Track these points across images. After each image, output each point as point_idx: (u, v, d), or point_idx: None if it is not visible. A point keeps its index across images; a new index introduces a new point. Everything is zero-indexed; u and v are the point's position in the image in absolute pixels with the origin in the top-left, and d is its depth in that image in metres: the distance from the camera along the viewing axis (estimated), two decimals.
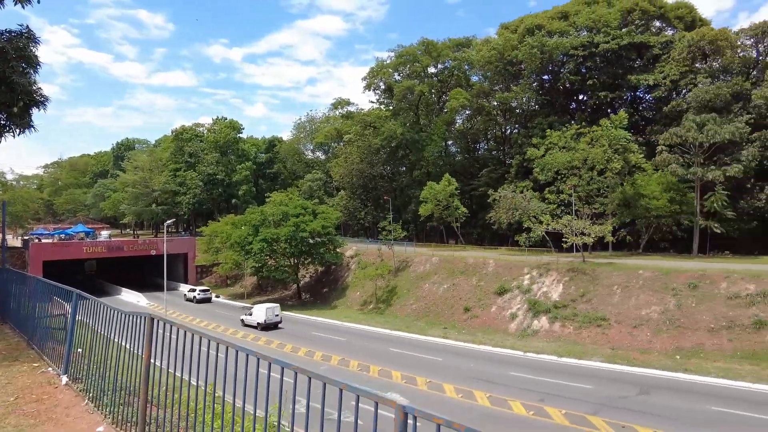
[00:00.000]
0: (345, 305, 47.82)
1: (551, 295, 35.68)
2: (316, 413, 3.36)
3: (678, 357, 26.43)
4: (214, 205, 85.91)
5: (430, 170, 68.63)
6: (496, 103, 63.13)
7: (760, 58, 49.38)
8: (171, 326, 4.92)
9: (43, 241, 59.73)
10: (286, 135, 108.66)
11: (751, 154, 41.65)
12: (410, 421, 2.79)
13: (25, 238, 65.39)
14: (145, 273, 65.32)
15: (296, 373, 3.55)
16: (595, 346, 29.76)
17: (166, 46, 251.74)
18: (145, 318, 5.38)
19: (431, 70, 72.76)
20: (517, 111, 65.01)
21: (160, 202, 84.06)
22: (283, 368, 3.71)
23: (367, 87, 74.85)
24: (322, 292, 53.44)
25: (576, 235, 39.20)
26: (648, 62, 54.36)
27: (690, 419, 18.61)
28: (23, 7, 13.98)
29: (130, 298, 54.34)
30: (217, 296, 56.34)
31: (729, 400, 20.37)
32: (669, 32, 57.23)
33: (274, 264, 50.30)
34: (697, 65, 50.27)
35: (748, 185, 44.04)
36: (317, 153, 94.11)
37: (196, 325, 41.01)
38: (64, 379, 7.60)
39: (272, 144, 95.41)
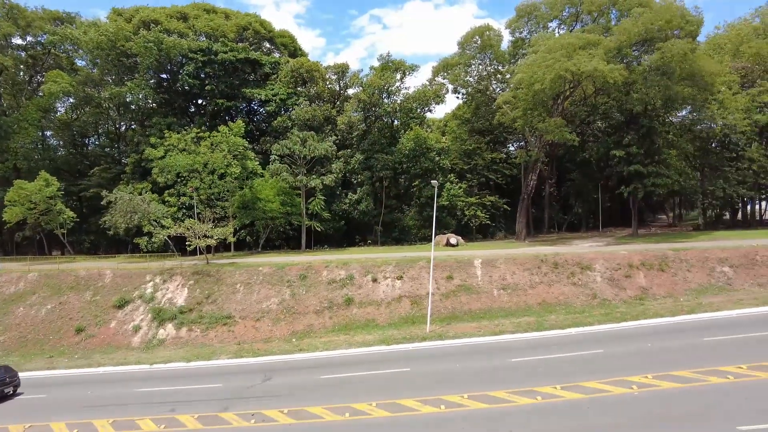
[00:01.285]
0: None
1: (177, 301, 35.23)
2: None
3: (294, 340, 30.82)
4: None
5: (20, 165, 56.06)
6: (108, 95, 56.95)
7: (341, 91, 62.38)
8: None
9: None
10: None
11: (338, 168, 52.32)
12: None
13: None
14: None
15: None
16: (223, 344, 31.27)
17: None
18: None
19: (18, 41, 59.28)
20: (133, 107, 60.60)
21: None
22: None
23: None
24: None
25: (199, 238, 39.91)
26: (261, 78, 60.32)
27: (303, 392, 22.11)
28: None
29: None
30: None
31: (329, 367, 25.28)
32: (276, 55, 65.09)
33: None
34: (299, 88, 59.19)
35: (338, 192, 55.11)
36: None
37: None
38: None
39: None
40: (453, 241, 47.21)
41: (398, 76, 57.25)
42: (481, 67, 59.67)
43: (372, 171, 55.24)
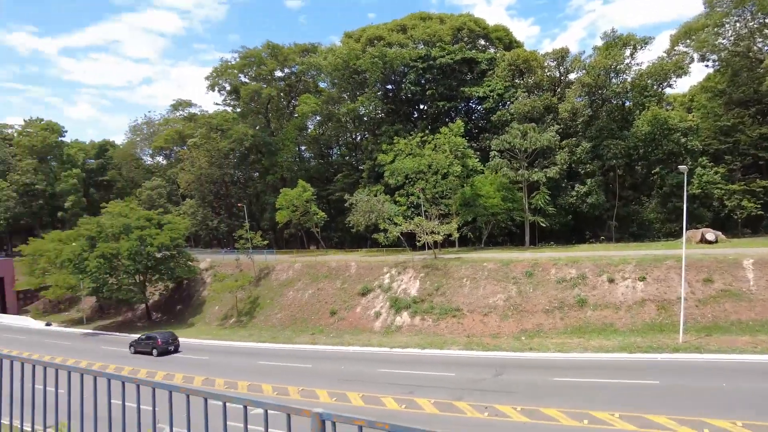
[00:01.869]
0: (203, 322, 45.08)
1: (410, 291, 38.09)
2: None
3: (523, 338, 30.38)
4: (34, 220, 73.82)
5: (285, 175, 67.95)
6: (345, 110, 65.02)
7: (562, 77, 58.69)
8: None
9: None
10: (119, 139, 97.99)
11: (563, 159, 49.34)
12: (329, 429, 2.66)
13: None
14: None
15: (188, 396, 3.18)
16: (453, 335, 32.66)
17: None
18: None
19: (278, 74, 72.03)
20: (365, 119, 67.69)
21: None
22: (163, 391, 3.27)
23: (211, 87, 71.38)
24: (176, 309, 49.59)
25: (427, 234, 42.38)
26: (477, 76, 60.87)
27: (537, 391, 21.59)
28: None
29: None
30: (49, 324, 48.78)
31: (563, 369, 24.12)
32: (492, 50, 64.84)
33: (115, 283, 45.28)
34: (516, 81, 57.84)
35: (563, 184, 52.01)
36: (157, 158, 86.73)
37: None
38: None
39: (104, 148, 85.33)
40: (710, 237, 39.93)
41: (627, 52, 51.08)
42: (738, 24, 49.10)
43: (602, 160, 50.54)
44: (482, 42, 67.06)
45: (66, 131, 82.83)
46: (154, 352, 33.81)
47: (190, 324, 45.08)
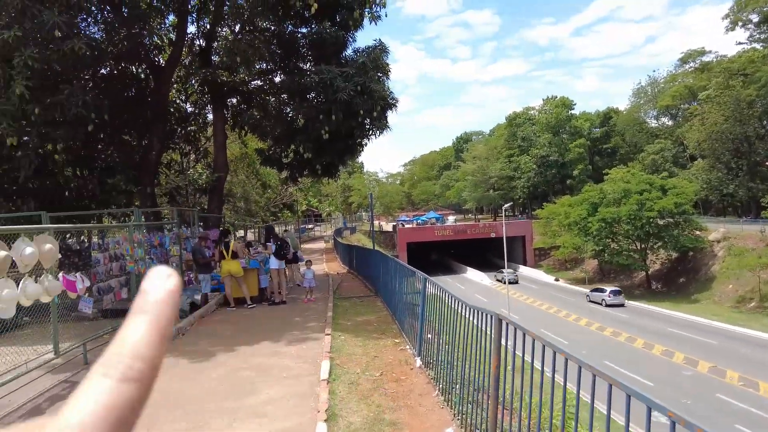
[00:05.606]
0: (710, 300, 39.22)
1: None
2: None
3: None
4: (548, 187, 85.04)
5: None
6: None
7: None
8: (524, 334, 3.99)
9: (406, 226, 71.15)
10: (622, 105, 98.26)
11: None
12: None
13: (393, 224, 79.51)
14: (485, 253, 70.02)
15: None
16: None
17: (494, 39, 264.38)
18: (492, 318, 4.63)
19: None
20: None
21: (496, 188, 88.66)
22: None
23: (732, 25, 59.67)
24: (678, 282, 45.40)
25: None
26: None
27: None
28: (375, 23, 15.93)
29: (474, 276, 59.05)
30: (557, 279, 55.30)
31: None
32: None
33: (616, 248, 45.84)
34: None
35: None
36: (662, 119, 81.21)
37: (537, 307, 41.11)
38: (418, 361, 7.82)
39: (607, 116, 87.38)
40: None
41: None
42: None
43: None
44: None
45: (575, 105, 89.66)
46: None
47: (693, 300, 40.15)
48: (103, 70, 15.20)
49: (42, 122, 13.10)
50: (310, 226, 75.32)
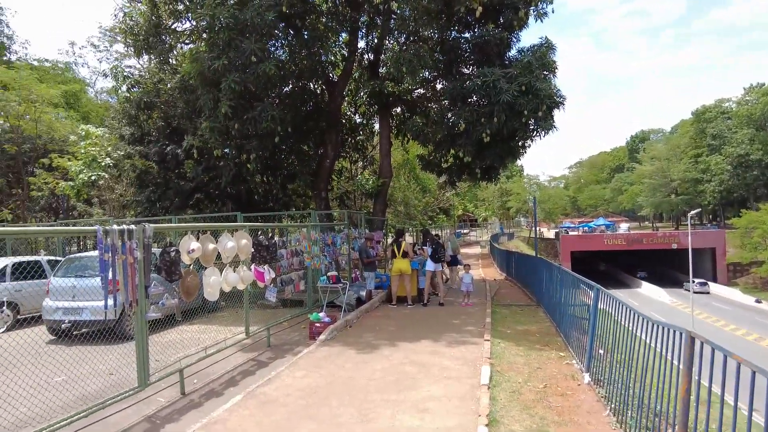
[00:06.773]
0: None
1: None
2: None
3: None
4: (748, 192, 72.25)
5: None
6: None
7: None
8: (724, 356, 3.47)
9: (570, 233, 66.60)
10: None
11: None
12: None
13: (556, 230, 75.07)
14: (663, 266, 62.08)
15: None
16: None
17: (675, 26, 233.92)
18: (682, 335, 4.12)
19: None
20: None
21: (679, 192, 78.37)
22: None
23: None
24: None
25: None
26: None
27: None
28: (541, 21, 15.30)
29: (649, 292, 52.73)
30: (758, 301, 46.67)
31: None
32: None
33: None
34: None
35: None
36: None
37: (731, 332, 35.23)
38: (586, 377, 7.28)
39: None
40: None
41: None
42: None
43: None
44: None
45: None
46: None
47: None
48: (286, 88, 17.14)
49: (239, 136, 15.35)
50: (465, 230, 75.08)
